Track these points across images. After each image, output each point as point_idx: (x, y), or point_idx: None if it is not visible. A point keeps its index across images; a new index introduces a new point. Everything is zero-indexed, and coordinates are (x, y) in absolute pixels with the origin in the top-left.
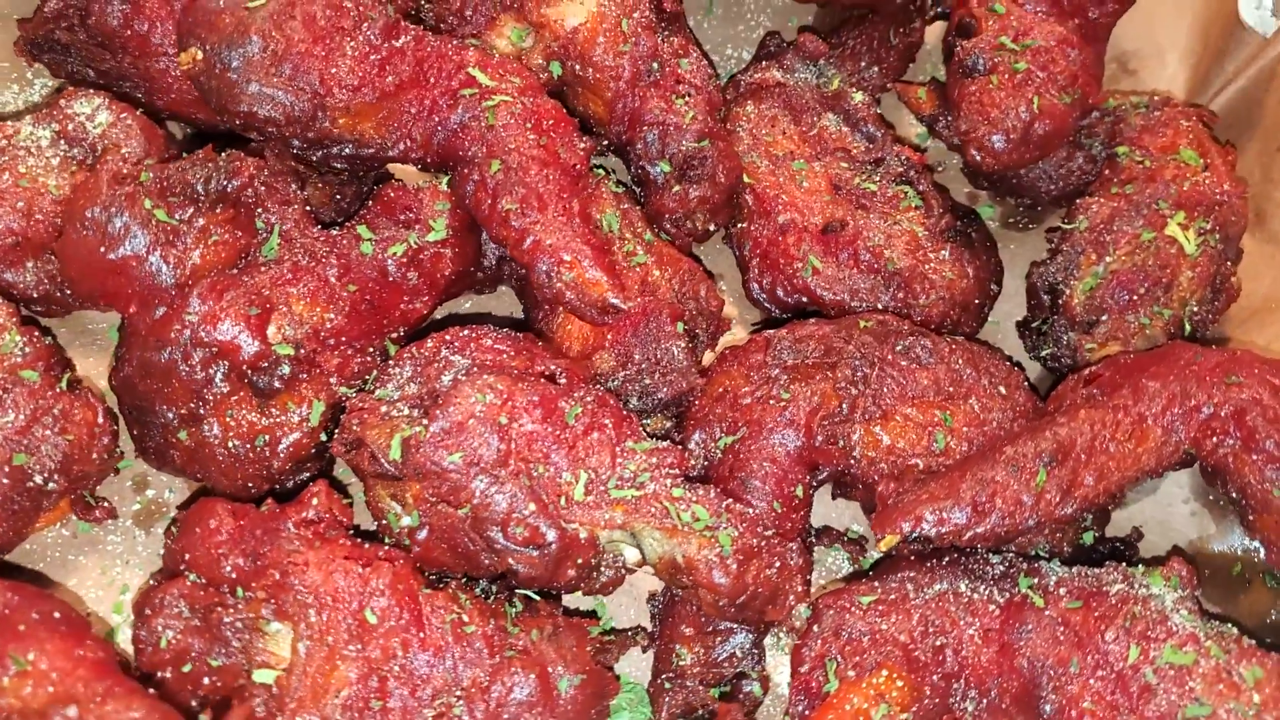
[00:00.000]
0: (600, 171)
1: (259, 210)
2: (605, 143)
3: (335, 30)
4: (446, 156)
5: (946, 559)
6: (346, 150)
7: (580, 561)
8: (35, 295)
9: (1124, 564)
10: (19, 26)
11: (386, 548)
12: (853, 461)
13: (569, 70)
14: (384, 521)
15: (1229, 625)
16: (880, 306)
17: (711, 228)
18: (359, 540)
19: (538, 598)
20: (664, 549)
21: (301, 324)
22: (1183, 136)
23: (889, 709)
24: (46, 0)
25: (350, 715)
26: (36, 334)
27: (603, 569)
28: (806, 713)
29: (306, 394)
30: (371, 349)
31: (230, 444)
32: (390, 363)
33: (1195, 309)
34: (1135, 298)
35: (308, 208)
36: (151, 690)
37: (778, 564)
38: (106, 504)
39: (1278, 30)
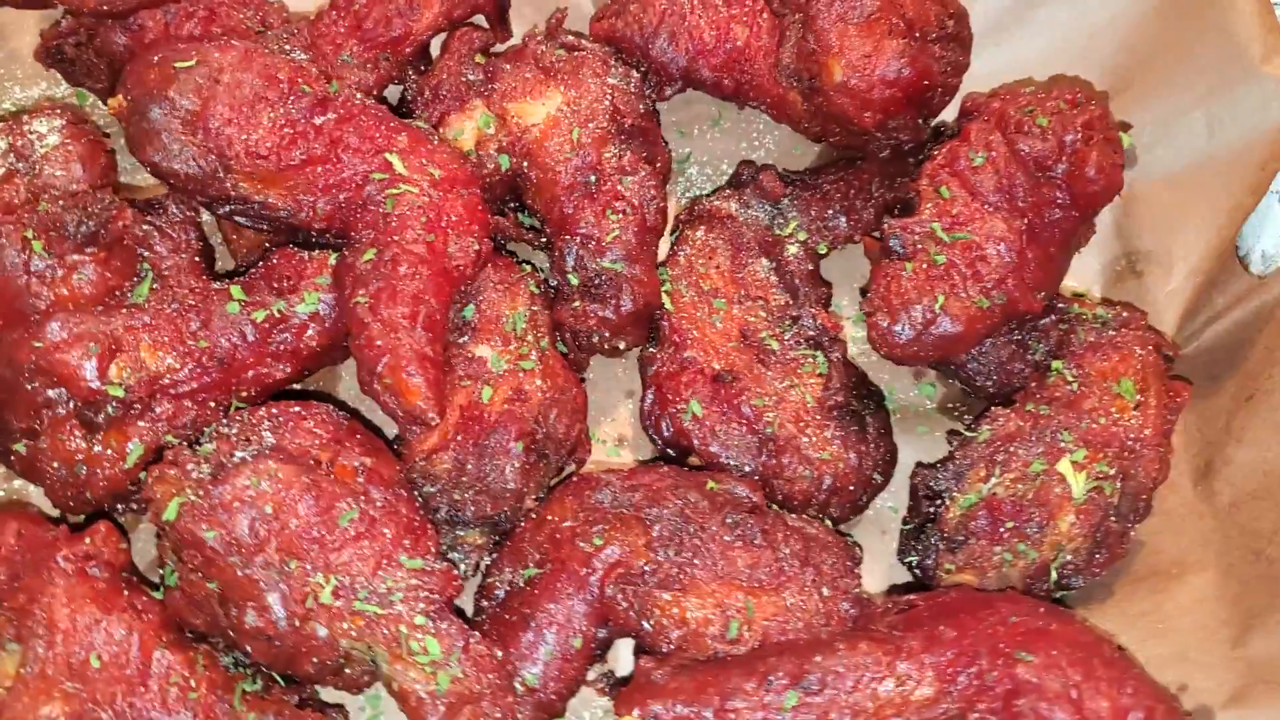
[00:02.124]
0: (526, 267)
1: (144, 252)
2: (544, 240)
3: (258, 99)
4: (343, 233)
5: None
6: (253, 210)
7: (318, 660)
8: None
9: None
10: (40, 35)
11: (147, 598)
12: (644, 626)
13: (516, 165)
14: (161, 572)
15: None
16: (748, 469)
17: (621, 346)
18: (128, 584)
19: (281, 682)
20: (388, 671)
21: (142, 369)
22: (1130, 366)
23: None
24: (63, 17)
25: None
26: None
27: (353, 668)
28: None
29: (132, 434)
30: (214, 403)
31: (54, 464)
32: (223, 420)
33: (1069, 559)
34: (1004, 531)
35: (197, 259)
36: None
37: (495, 718)
38: None
39: (1275, 274)
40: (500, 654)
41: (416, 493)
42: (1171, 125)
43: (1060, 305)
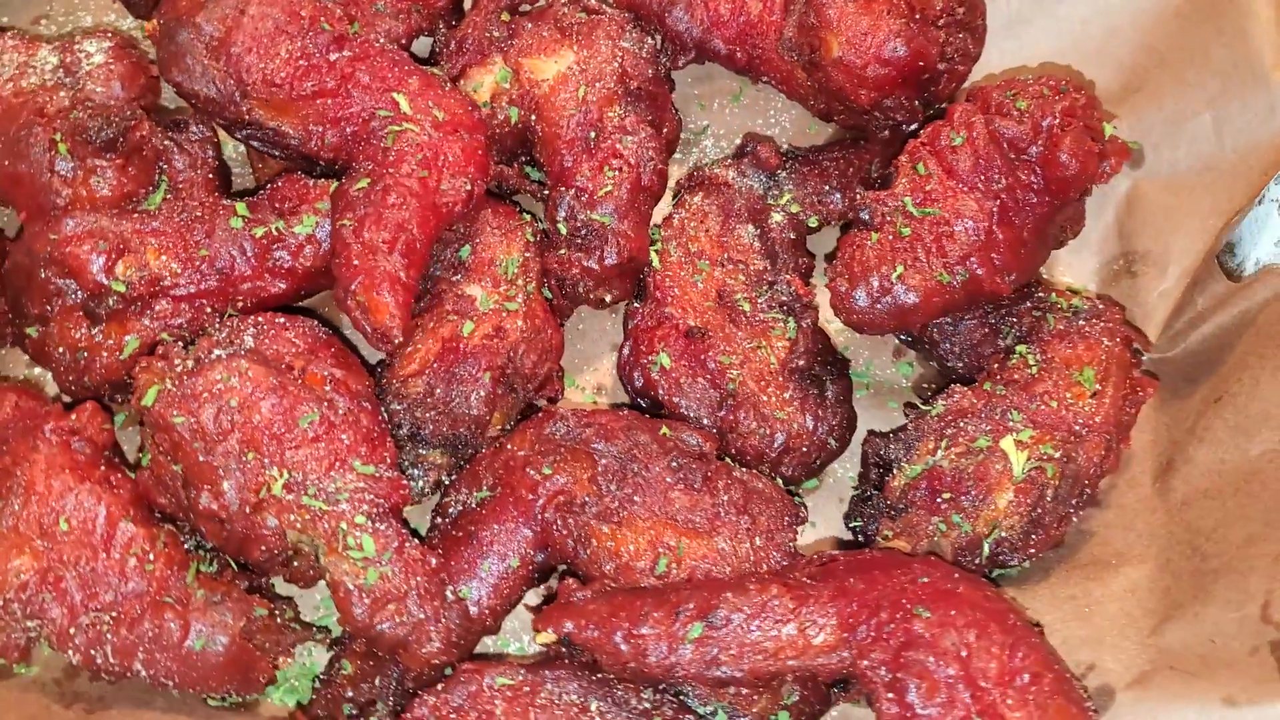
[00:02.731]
0: (526, 217)
1: (163, 165)
2: (545, 193)
3: (278, 32)
4: (348, 164)
5: (600, 675)
6: (267, 136)
7: (265, 549)
8: None
9: None
10: None
11: (122, 476)
12: (581, 555)
13: (524, 118)
14: (140, 453)
15: None
16: (706, 422)
17: (607, 298)
18: (107, 462)
19: (235, 568)
20: (324, 563)
21: (146, 269)
22: (1094, 355)
23: None
24: None
25: (20, 598)
26: None
27: (301, 563)
28: None
29: (131, 329)
30: (211, 309)
31: (59, 350)
32: (215, 324)
33: (1005, 536)
34: (940, 501)
35: (212, 176)
36: None
37: (417, 617)
38: None
39: (1252, 278)
40: (435, 561)
41: (384, 408)
42: (1180, 126)
43: (1039, 294)
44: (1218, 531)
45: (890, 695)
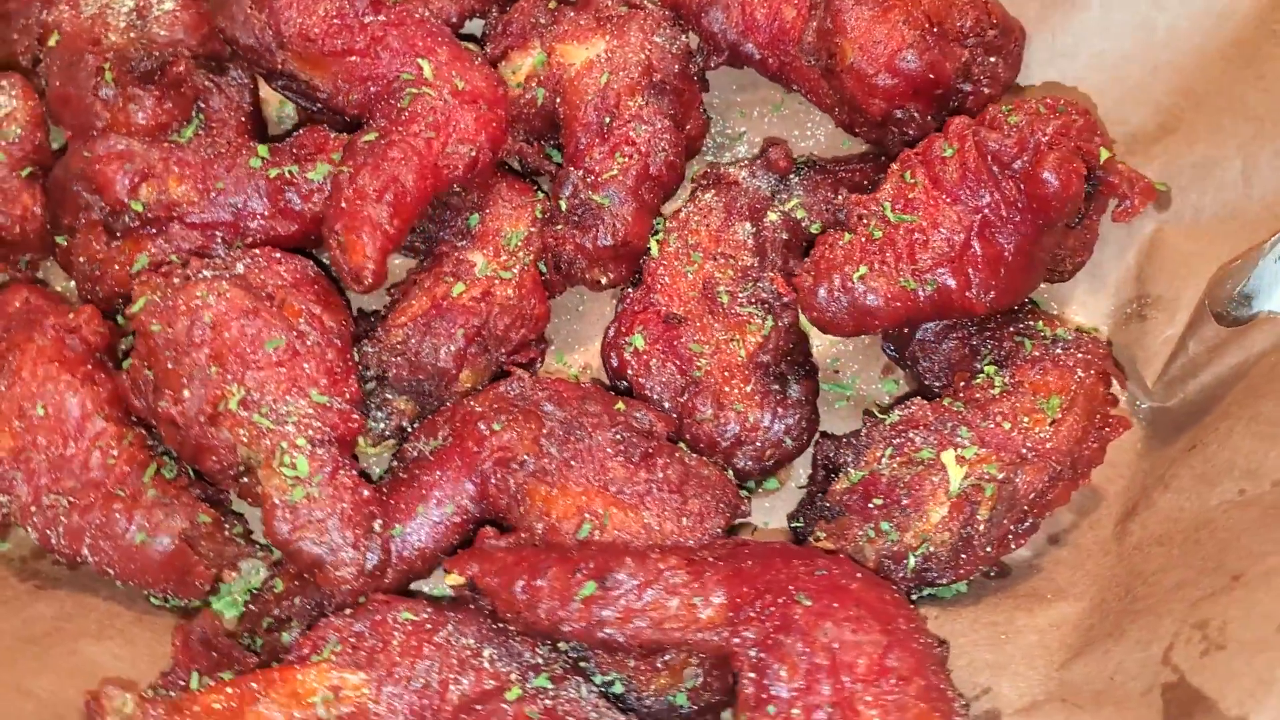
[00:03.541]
0: (540, 195)
1: (201, 104)
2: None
3: None
4: (366, 120)
5: (500, 626)
6: (300, 87)
7: (216, 460)
8: None
9: None
10: None
11: (105, 376)
12: (515, 511)
13: (549, 100)
14: (123, 358)
15: None
16: (667, 406)
17: (602, 281)
18: (96, 363)
19: (193, 476)
20: (260, 477)
21: (165, 194)
22: (1065, 385)
23: (331, 700)
24: None
25: None
26: None
27: (251, 480)
28: (284, 665)
29: (144, 247)
30: (221, 239)
31: (81, 259)
32: (219, 247)
33: (933, 551)
34: (871, 507)
35: (244, 119)
36: None
37: (335, 540)
38: None
39: (1249, 325)
40: (368, 493)
41: (357, 348)
42: (1209, 171)
43: (1028, 322)
44: (1155, 576)
45: (751, 675)
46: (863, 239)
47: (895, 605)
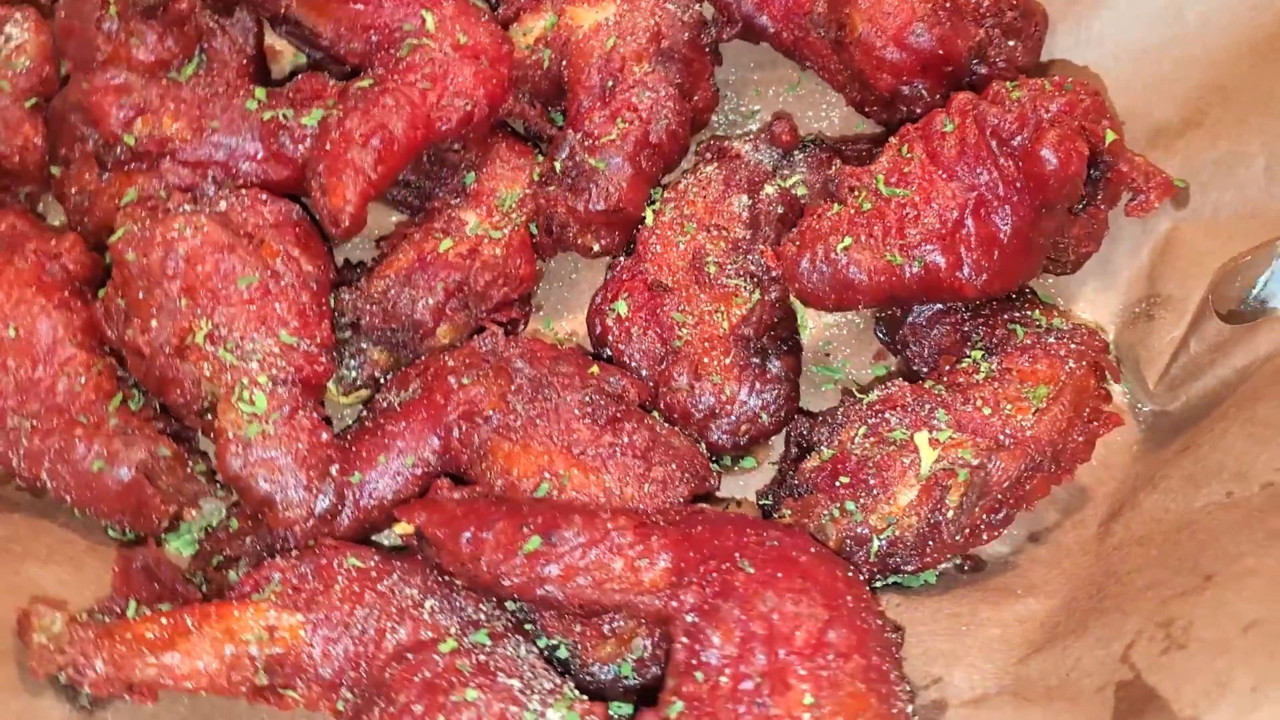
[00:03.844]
0: (540, 158)
1: (204, 45)
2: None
3: None
4: (366, 69)
5: (446, 579)
6: (304, 34)
7: (180, 393)
8: None
9: None
10: None
11: (82, 304)
12: (477, 467)
13: (555, 62)
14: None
15: None
16: (645, 374)
17: (594, 247)
18: (74, 291)
19: (159, 410)
20: (218, 411)
21: (158, 130)
22: (1054, 375)
23: (265, 639)
24: None
25: None
26: None
27: (211, 417)
28: (222, 601)
29: (134, 181)
30: (212, 178)
31: (72, 189)
32: (209, 186)
33: (899, 535)
34: (838, 486)
35: (246, 62)
36: None
37: (286, 480)
38: None
39: (1252, 324)
40: (326, 436)
41: (335, 295)
42: (1232, 168)
43: (1025, 311)
44: (1129, 575)
45: (684, 639)
46: (851, 210)
47: (846, 583)
